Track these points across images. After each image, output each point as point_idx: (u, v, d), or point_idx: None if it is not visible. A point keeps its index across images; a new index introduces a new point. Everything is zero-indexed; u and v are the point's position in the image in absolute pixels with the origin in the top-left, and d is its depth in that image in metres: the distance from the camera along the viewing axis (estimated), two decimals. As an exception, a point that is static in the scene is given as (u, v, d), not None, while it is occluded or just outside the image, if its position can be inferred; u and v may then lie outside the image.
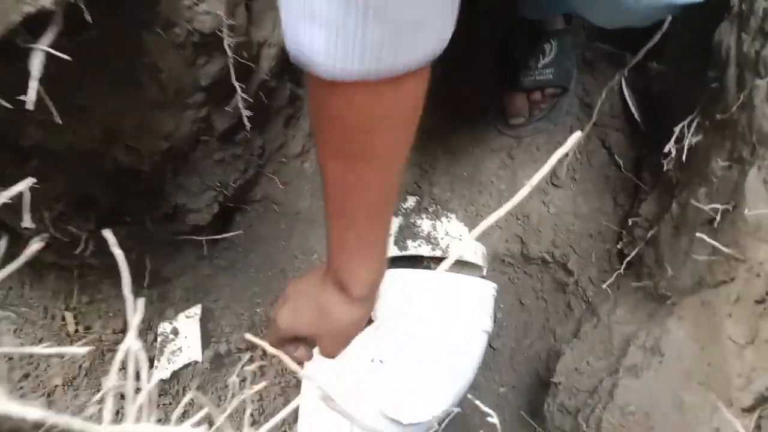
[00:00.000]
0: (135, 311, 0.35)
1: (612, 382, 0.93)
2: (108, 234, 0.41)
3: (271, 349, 0.38)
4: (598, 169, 1.15)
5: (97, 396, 1.25)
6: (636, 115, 1.09)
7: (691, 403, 0.79)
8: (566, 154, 1.11)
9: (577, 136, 0.41)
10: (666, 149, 0.81)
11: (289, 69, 1.04)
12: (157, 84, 0.77)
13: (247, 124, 0.90)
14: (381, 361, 1.06)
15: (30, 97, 0.47)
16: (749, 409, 0.68)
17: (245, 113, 0.84)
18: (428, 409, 1.04)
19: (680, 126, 0.80)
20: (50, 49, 0.47)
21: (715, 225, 0.74)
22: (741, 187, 0.68)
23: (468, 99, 1.19)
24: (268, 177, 1.16)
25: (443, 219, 1.17)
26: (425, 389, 1.05)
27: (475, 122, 1.18)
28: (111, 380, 0.35)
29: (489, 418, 0.43)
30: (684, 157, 0.80)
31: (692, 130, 0.78)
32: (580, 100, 1.18)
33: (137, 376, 0.36)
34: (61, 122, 0.58)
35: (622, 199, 1.12)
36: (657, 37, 0.99)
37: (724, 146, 0.74)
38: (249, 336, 0.42)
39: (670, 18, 0.95)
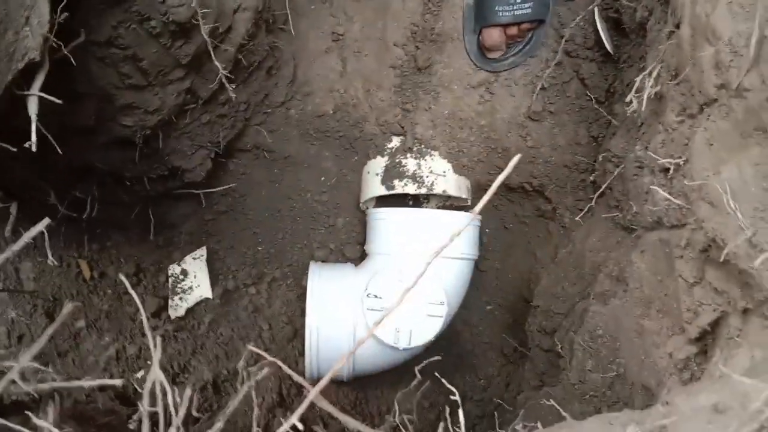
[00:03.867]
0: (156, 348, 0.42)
1: (583, 307, 1.03)
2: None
3: (271, 359, 0.46)
4: (573, 100, 1.18)
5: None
6: (608, 46, 1.12)
7: (650, 329, 0.88)
8: (542, 86, 1.16)
9: (516, 158, 0.46)
10: (628, 98, 0.85)
11: (266, 24, 1.06)
12: (139, 71, 0.80)
13: (229, 88, 0.94)
14: (377, 296, 1.15)
15: (32, 139, 0.52)
16: (695, 340, 0.77)
17: (228, 86, 0.87)
18: (423, 335, 1.15)
19: (641, 76, 0.84)
20: (43, 94, 0.52)
21: (669, 175, 0.80)
22: (691, 145, 0.73)
23: (448, 38, 1.20)
24: (256, 128, 1.20)
25: (427, 157, 1.23)
26: (419, 318, 1.15)
27: (454, 61, 1.20)
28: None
29: (452, 396, 0.52)
30: (644, 106, 0.84)
31: (651, 81, 0.82)
32: (555, 32, 1.19)
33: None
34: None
35: (595, 130, 1.17)
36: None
37: (678, 100, 0.78)
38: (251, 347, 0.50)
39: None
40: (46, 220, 0.47)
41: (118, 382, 0.42)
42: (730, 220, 0.64)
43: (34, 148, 0.52)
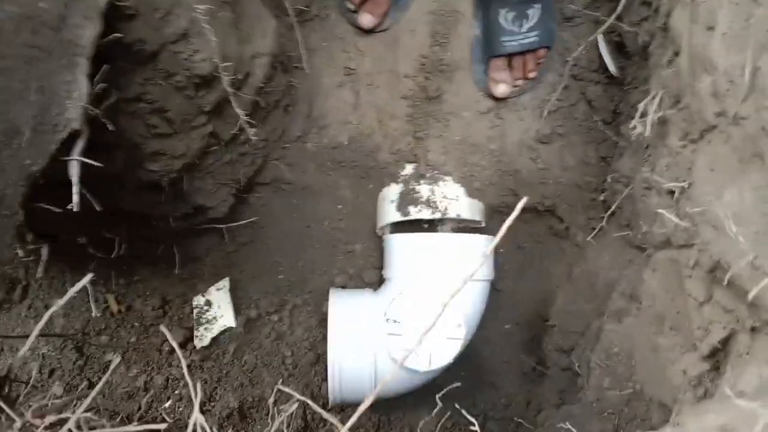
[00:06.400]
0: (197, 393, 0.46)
1: (598, 325, 1.06)
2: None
3: (300, 398, 0.50)
4: (581, 122, 1.22)
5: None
6: (612, 69, 1.15)
7: (664, 346, 0.91)
8: (549, 111, 1.19)
9: (524, 200, 0.50)
10: (632, 124, 0.89)
11: (281, 65, 1.11)
12: (165, 121, 0.85)
13: (250, 132, 0.98)
14: (396, 321, 1.19)
15: (74, 201, 0.57)
16: (707, 357, 0.80)
17: (248, 129, 0.92)
18: (442, 358, 1.18)
19: (644, 102, 0.87)
20: (83, 159, 0.56)
21: (675, 197, 0.83)
22: (694, 169, 0.76)
23: (457, 68, 1.24)
24: (274, 162, 1.25)
25: (440, 183, 1.26)
26: (438, 341, 1.18)
27: (463, 89, 1.24)
28: None
29: (471, 427, 0.55)
30: (648, 131, 0.87)
31: (654, 106, 0.85)
32: (560, 56, 1.23)
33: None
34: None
35: (603, 151, 1.20)
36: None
37: (680, 125, 0.81)
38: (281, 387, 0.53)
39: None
40: (90, 276, 0.51)
41: (162, 426, 0.45)
42: (732, 244, 0.66)
43: (76, 209, 0.57)
